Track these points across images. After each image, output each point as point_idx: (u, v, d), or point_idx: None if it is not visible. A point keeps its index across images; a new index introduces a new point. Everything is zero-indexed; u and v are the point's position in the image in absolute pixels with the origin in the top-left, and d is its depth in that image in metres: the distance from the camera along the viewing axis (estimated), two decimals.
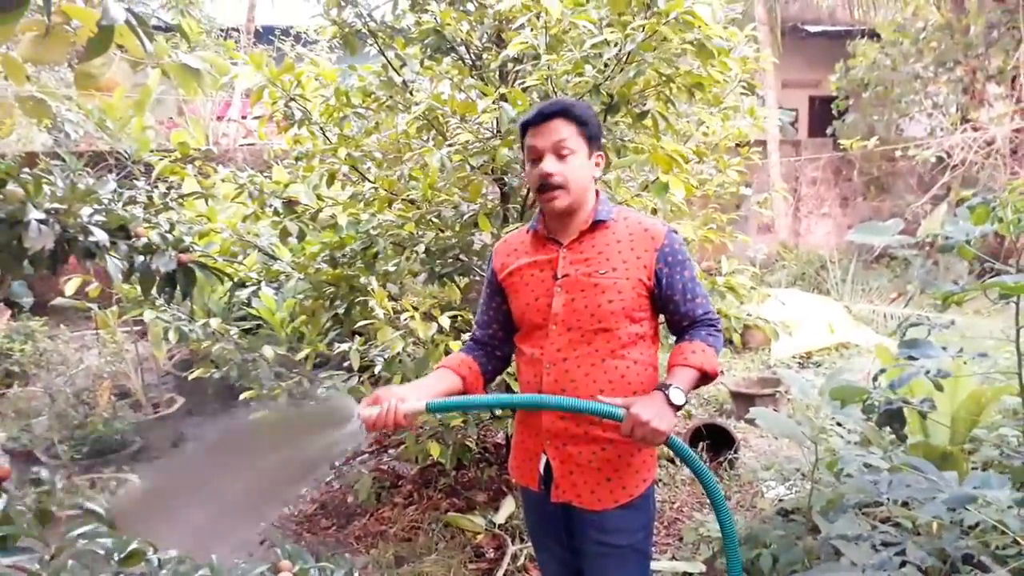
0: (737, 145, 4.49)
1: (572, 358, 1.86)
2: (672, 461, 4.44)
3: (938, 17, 9.90)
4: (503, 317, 2.06)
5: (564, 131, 1.84)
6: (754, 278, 4.12)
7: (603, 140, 3.10)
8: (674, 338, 1.98)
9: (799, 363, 6.95)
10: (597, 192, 1.98)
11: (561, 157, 1.84)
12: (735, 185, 4.39)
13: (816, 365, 6.73)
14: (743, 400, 5.39)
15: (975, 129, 9.18)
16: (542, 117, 1.86)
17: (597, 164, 1.94)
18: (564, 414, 1.86)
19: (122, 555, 1.58)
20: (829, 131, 11.48)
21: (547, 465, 1.94)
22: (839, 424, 3.76)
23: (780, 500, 3.38)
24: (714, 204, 4.56)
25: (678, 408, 1.72)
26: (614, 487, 1.89)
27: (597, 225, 1.92)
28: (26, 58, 2.55)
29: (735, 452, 4.31)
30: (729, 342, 7.45)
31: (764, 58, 3.80)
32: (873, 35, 10.87)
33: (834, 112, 11.28)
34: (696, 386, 1.85)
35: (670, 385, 1.74)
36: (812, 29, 13.07)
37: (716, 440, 4.46)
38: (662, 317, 2.00)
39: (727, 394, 5.75)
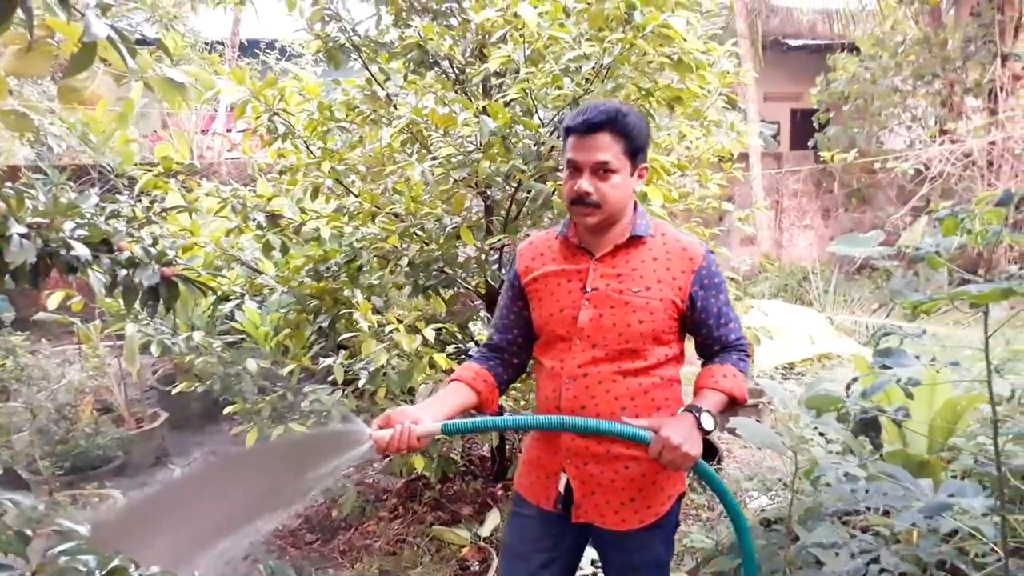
0: (720, 160, 4.53)
1: (593, 374, 1.78)
2: None
3: (916, 31, 10.06)
4: (524, 323, 1.96)
5: (609, 149, 1.73)
6: (737, 287, 4.15)
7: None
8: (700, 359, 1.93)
9: (782, 374, 7.00)
10: (636, 205, 1.89)
11: (601, 175, 1.74)
12: (716, 199, 4.43)
13: (799, 376, 6.77)
14: (727, 411, 5.42)
15: (953, 142, 9.32)
16: (587, 127, 1.73)
17: (640, 177, 1.84)
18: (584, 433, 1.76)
19: (104, 572, 1.57)
20: (810, 143, 11.61)
21: (567, 485, 1.84)
22: (822, 435, 3.79)
23: (763, 510, 3.40)
24: (696, 218, 4.60)
25: (707, 433, 1.67)
26: (639, 507, 1.81)
27: (634, 240, 1.83)
28: (9, 72, 2.55)
29: (718, 463, 4.33)
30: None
31: (744, 72, 3.85)
32: (853, 49, 11.03)
33: (815, 125, 11.41)
34: (723, 411, 1.80)
35: (701, 409, 1.68)
36: (793, 43, 13.22)
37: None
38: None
39: None
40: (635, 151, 1.77)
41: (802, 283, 9.97)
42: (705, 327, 1.84)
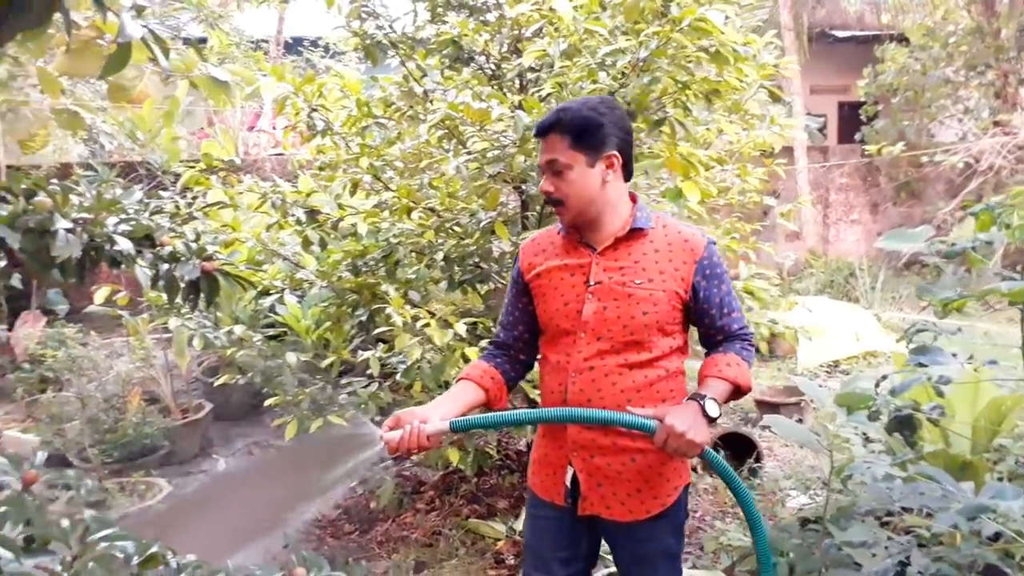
0: (762, 154, 4.46)
1: (599, 367, 1.79)
2: (695, 469, 4.42)
3: (969, 21, 9.79)
4: (529, 319, 1.98)
5: (556, 147, 1.79)
6: (781, 286, 4.10)
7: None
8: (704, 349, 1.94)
9: (826, 372, 6.88)
10: (635, 198, 1.91)
11: (556, 174, 1.80)
12: (757, 194, 4.37)
13: (844, 374, 6.65)
14: (768, 409, 5.34)
15: (1006, 134, 9.04)
16: (539, 132, 1.83)
17: (609, 167, 1.82)
18: (590, 424, 1.78)
19: (141, 559, 1.62)
20: (858, 137, 11.37)
21: (573, 477, 1.86)
22: (864, 435, 3.73)
23: (800, 509, 3.36)
24: (738, 213, 4.54)
25: (713, 420, 1.67)
26: (645, 498, 1.82)
27: (634, 233, 1.85)
28: (61, 71, 2.63)
29: (757, 461, 4.28)
30: (755, 350, 7.43)
31: (785, 64, 3.78)
32: (902, 39, 10.78)
33: (863, 118, 11.17)
34: (728, 400, 1.81)
35: (705, 396, 1.69)
36: (840, 34, 12.97)
37: (741, 449, 4.43)
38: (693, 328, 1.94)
39: (752, 403, 5.71)
40: (585, 142, 1.79)
41: (848, 279, 9.78)
42: (708, 317, 1.85)
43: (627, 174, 1.89)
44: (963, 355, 1.74)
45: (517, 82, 3.59)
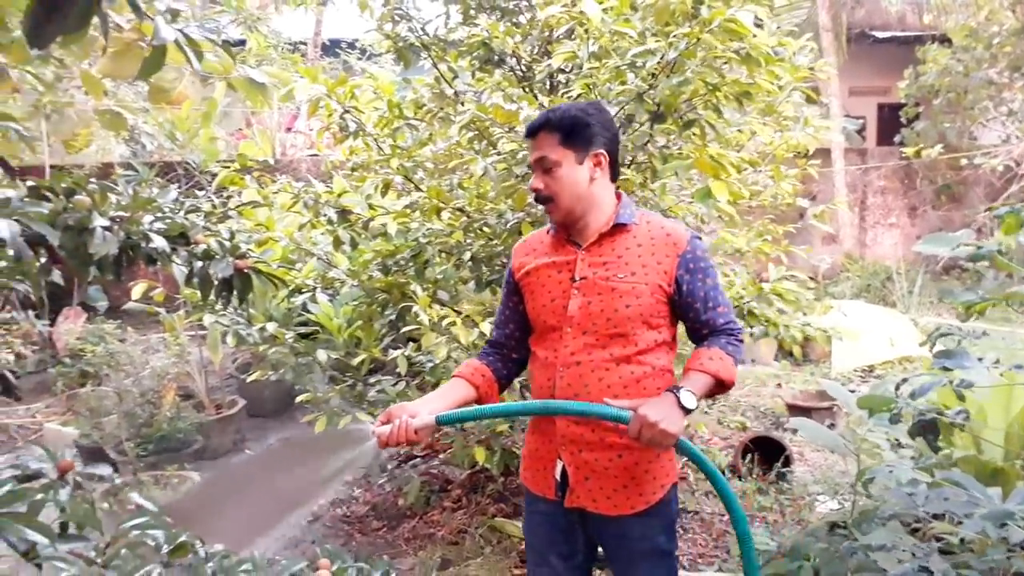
0: (795, 156, 4.42)
1: (586, 362, 1.83)
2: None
3: (1013, 21, 9.57)
4: (520, 317, 2.04)
5: (546, 144, 1.86)
6: (816, 290, 4.05)
7: (648, 148, 3.13)
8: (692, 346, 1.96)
9: (861, 377, 6.79)
10: (620, 194, 1.96)
11: (546, 171, 1.86)
12: (791, 196, 4.33)
13: (878, 379, 6.55)
14: (800, 413, 5.29)
15: None
16: (529, 132, 1.90)
17: (597, 165, 1.89)
18: (579, 420, 1.83)
19: (171, 547, 1.66)
20: (897, 139, 11.19)
21: (563, 472, 1.91)
22: (897, 440, 3.68)
23: (829, 513, 3.32)
24: (771, 215, 4.51)
25: (688, 411, 1.69)
26: (631, 494, 1.86)
27: (618, 228, 1.90)
28: (104, 73, 2.70)
29: (785, 465, 4.23)
30: (789, 354, 7.35)
31: (820, 66, 3.74)
32: (944, 40, 10.58)
33: (903, 120, 10.99)
34: (711, 394, 1.83)
35: (682, 388, 1.71)
36: (880, 35, 12.77)
37: (772, 453, 4.39)
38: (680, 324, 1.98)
39: (784, 407, 5.66)
40: (574, 140, 1.85)
41: (885, 283, 9.64)
42: (692, 311, 1.88)
43: (614, 174, 1.95)
44: (981, 359, 1.71)
45: (547, 84, 3.60)
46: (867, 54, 12.73)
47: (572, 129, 1.86)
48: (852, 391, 3.78)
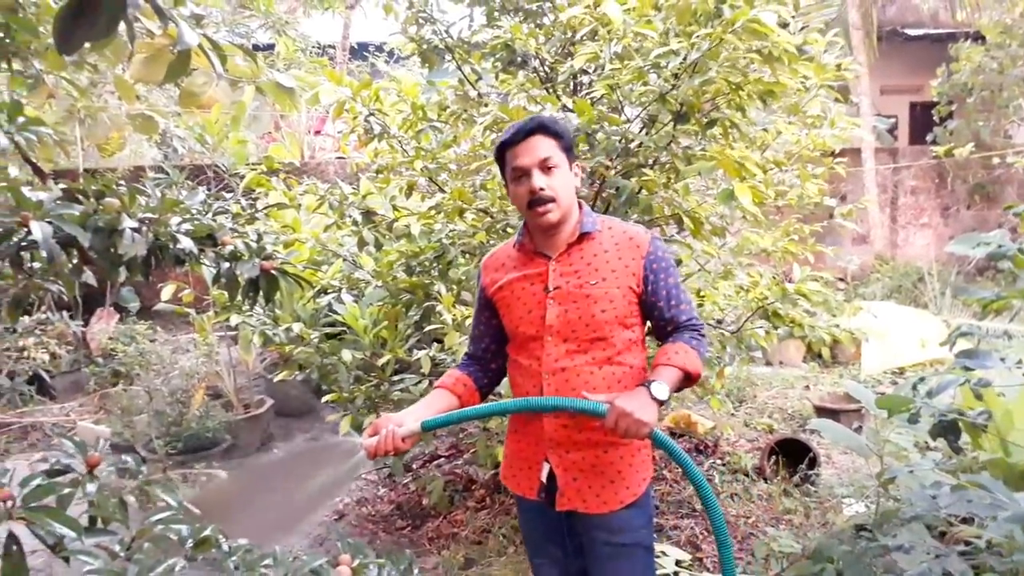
0: (823, 155, 4.38)
1: (571, 367, 1.90)
2: (747, 475, 4.36)
3: None
4: (494, 331, 2.10)
5: (546, 146, 1.90)
6: (846, 291, 4.00)
7: (671, 148, 3.13)
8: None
9: (891, 379, 6.70)
10: (581, 204, 2.03)
11: (548, 171, 1.89)
12: (817, 196, 4.30)
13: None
14: (827, 415, 5.23)
15: None
16: (522, 135, 1.91)
17: (577, 175, 1.99)
18: (566, 421, 1.90)
19: (195, 541, 1.70)
20: (929, 138, 11.02)
21: (550, 473, 1.96)
22: (925, 442, 3.63)
23: (854, 516, 3.29)
24: (798, 215, 4.47)
25: (661, 403, 1.75)
26: (618, 488, 1.93)
27: (584, 237, 1.96)
28: (135, 78, 2.76)
29: (810, 467, 4.19)
30: (818, 356, 7.27)
31: (846, 65, 3.70)
32: (978, 37, 10.39)
33: (935, 118, 10.82)
34: (679, 387, 1.89)
35: (653, 381, 1.77)
36: (912, 32, 12.58)
37: (799, 455, 4.35)
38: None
39: (811, 409, 5.60)
40: (567, 148, 1.95)
41: (917, 285, 9.48)
42: (657, 309, 1.95)
43: None
44: (1020, 361, 1.69)
45: (570, 84, 3.61)
46: (899, 52, 12.54)
47: (566, 136, 1.95)
48: (881, 393, 3.74)
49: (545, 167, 1.89)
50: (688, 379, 1.88)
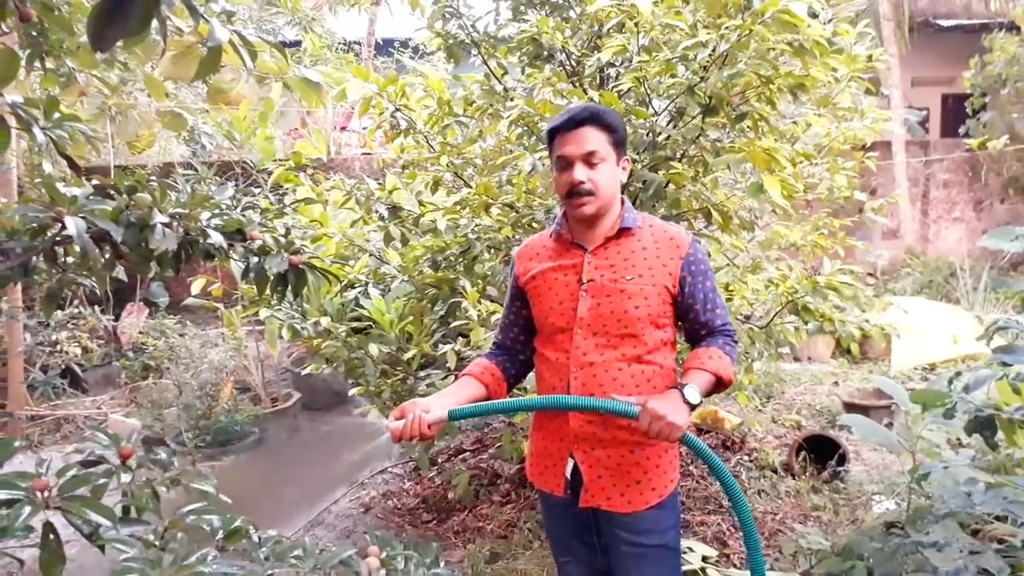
0: (853, 148, 4.33)
1: (599, 363, 1.86)
2: (775, 471, 4.33)
3: None
4: (524, 321, 2.08)
5: (594, 139, 1.86)
6: (876, 286, 3.95)
7: (700, 141, 3.10)
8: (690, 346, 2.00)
9: (922, 375, 6.61)
10: (623, 199, 2.00)
11: (591, 165, 1.86)
12: (847, 190, 4.25)
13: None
14: (857, 411, 5.17)
15: None
16: (573, 124, 1.87)
17: (624, 169, 1.96)
18: (592, 418, 1.87)
19: (226, 532, 1.72)
20: (962, 130, 10.83)
21: (574, 470, 1.93)
22: (958, 439, 3.57)
23: (885, 512, 3.25)
24: (828, 208, 4.42)
25: (693, 407, 1.73)
26: (644, 489, 1.89)
27: (623, 232, 1.94)
28: (165, 76, 2.79)
29: (839, 464, 4.14)
30: (847, 352, 7.19)
31: (876, 57, 3.65)
32: (1012, 28, 10.20)
33: (968, 111, 10.64)
34: (711, 392, 1.86)
35: (686, 384, 1.75)
36: (945, 23, 12.37)
37: (828, 452, 4.30)
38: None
39: (841, 405, 5.54)
40: (618, 143, 1.91)
41: (949, 280, 9.33)
42: (693, 312, 1.93)
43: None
44: None
45: (597, 78, 3.59)
46: (930, 43, 12.34)
47: (618, 130, 1.91)
48: (912, 390, 3.69)
49: (589, 161, 1.86)
50: (720, 384, 1.86)
